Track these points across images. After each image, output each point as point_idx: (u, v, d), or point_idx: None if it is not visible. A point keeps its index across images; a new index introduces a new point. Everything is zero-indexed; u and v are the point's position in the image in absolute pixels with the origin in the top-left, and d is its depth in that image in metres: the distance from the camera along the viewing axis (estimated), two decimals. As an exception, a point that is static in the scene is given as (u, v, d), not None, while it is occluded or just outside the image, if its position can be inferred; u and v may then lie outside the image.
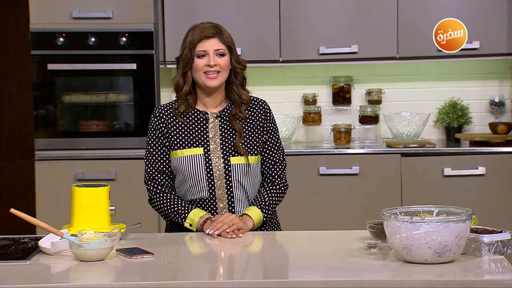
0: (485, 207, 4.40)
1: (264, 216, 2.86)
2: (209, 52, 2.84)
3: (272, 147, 2.94)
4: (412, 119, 4.77)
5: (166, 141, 2.88)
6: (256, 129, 2.91)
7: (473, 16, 4.55)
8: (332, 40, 4.61)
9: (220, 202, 2.86)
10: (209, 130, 2.88)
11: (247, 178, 2.87)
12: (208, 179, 2.84)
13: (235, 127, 2.87)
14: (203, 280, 2.23)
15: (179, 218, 2.84)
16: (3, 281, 2.18)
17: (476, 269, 2.24)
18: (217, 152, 2.86)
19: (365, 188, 4.45)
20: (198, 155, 2.85)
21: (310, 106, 4.86)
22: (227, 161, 2.85)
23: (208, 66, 2.83)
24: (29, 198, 4.48)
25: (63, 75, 4.54)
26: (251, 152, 2.87)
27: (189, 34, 2.88)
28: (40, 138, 4.51)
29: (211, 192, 2.85)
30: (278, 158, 2.95)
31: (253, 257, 2.58)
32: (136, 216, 3.37)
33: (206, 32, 2.84)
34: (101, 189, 2.64)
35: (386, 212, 2.33)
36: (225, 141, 2.87)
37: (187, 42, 2.86)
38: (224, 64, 2.85)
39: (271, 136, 2.93)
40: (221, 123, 2.89)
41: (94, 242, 2.35)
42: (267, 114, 2.94)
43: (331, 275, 2.25)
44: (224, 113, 2.90)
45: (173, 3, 4.59)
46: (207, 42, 2.84)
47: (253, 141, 2.89)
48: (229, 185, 2.85)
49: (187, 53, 2.85)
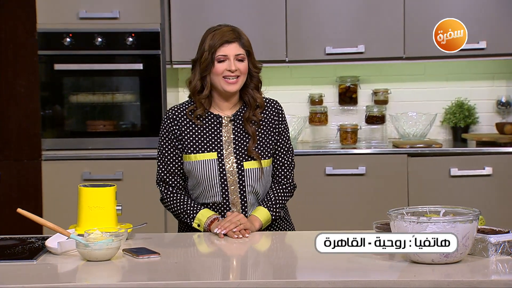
0: (492, 207, 4.39)
1: (272, 216, 2.86)
2: (230, 56, 2.82)
3: (282, 149, 2.93)
4: (419, 119, 4.76)
5: (179, 143, 2.87)
6: (269, 132, 2.90)
7: (480, 16, 4.54)
8: (338, 40, 4.60)
9: (234, 207, 2.86)
10: (222, 134, 2.87)
11: (260, 183, 2.87)
12: (221, 184, 2.84)
13: (249, 131, 2.87)
14: (210, 280, 2.23)
15: (188, 219, 2.84)
16: (10, 281, 2.19)
17: (483, 270, 2.24)
18: (230, 157, 2.85)
19: (371, 188, 4.45)
20: (212, 160, 2.84)
21: (317, 106, 4.86)
22: (240, 165, 2.85)
23: (228, 71, 2.82)
24: (36, 198, 4.49)
25: (70, 75, 4.55)
26: (264, 156, 2.87)
27: (208, 37, 2.85)
28: (47, 138, 4.52)
29: (224, 197, 2.85)
30: (287, 160, 2.94)
31: (260, 257, 2.58)
32: (142, 216, 3.38)
33: (227, 36, 2.82)
34: (107, 189, 2.65)
35: (392, 212, 2.33)
36: (238, 145, 2.86)
37: (207, 45, 2.83)
38: (243, 69, 2.84)
39: (282, 137, 2.93)
40: (234, 126, 2.88)
41: (100, 242, 2.35)
42: (279, 115, 2.93)
43: (337, 275, 2.25)
44: (238, 116, 2.89)
45: (180, 3, 4.60)
46: (228, 47, 2.83)
47: (266, 145, 2.88)
48: (243, 189, 2.85)
49: (207, 56, 2.82)
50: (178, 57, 4.60)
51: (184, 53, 4.59)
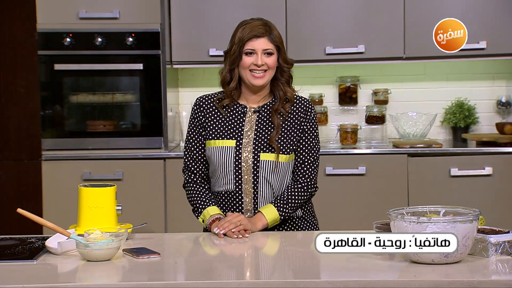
0: (492, 207, 4.39)
1: (280, 216, 2.85)
2: (258, 51, 2.84)
3: (305, 147, 2.92)
4: (419, 119, 4.76)
5: (202, 130, 2.91)
6: (293, 127, 2.90)
7: (480, 16, 4.54)
8: (338, 40, 4.60)
9: (246, 197, 2.87)
10: (245, 124, 2.89)
11: (275, 176, 2.87)
12: (235, 172, 2.85)
13: (274, 122, 2.88)
14: (210, 280, 2.23)
15: (196, 212, 2.89)
16: (10, 281, 2.19)
17: (483, 270, 2.24)
18: (248, 147, 2.86)
19: (371, 188, 4.45)
20: (229, 147, 2.86)
21: (317, 106, 4.86)
22: (257, 156, 2.85)
23: (255, 65, 2.84)
24: (36, 198, 4.49)
25: (70, 75, 4.55)
26: (283, 151, 2.87)
27: (238, 30, 2.87)
28: (47, 138, 4.52)
29: (238, 185, 2.86)
30: (308, 159, 2.92)
31: (260, 257, 2.58)
32: (142, 216, 3.39)
33: (256, 30, 2.84)
34: (107, 189, 2.65)
35: (392, 212, 2.33)
36: (259, 136, 2.88)
37: (237, 38, 2.86)
38: (271, 63, 2.86)
39: (307, 136, 2.92)
40: (258, 118, 2.90)
41: (101, 242, 2.35)
42: (307, 113, 2.92)
43: (337, 275, 2.24)
44: (264, 109, 2.91)
45: (180, 3, 4.60)
46: (256, 41, 2.84)
47: (288, 140, 2.88)
48: (256, 180, 2.86)
49: (236, 49, 2.85)
50: (178, 57, 4.60)
51: (184, 53, 4.60)
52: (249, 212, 2.88)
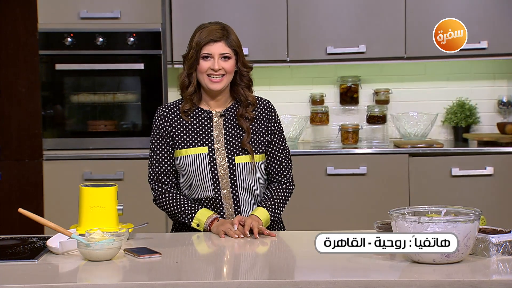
0: (493, 207, 4.39)
1: (271, 216, 2.86)
2: (214, 55, 2.83)
3: (277, 147, 2.93)
4: (420, 119, 4.76)
5: (170, 140, 2.88)
6: (261, 129, 2.91)
7: (481, 16, 4.54)
8: (339, 40, 4.61)
9: (226, 201, 2.86)
10: (213, 129, 2.88)
11: (252, 178, 2.87)
12: (213, 178, 2.84)
13: (243, 126, 2.87)
14: (211, 280, 2.23)
15: (185, 218, 2.84)
16: (11, 280, 2.19)
17: (484, 270, 2.23)
18: (221, 151, 2.86)
19: (372, 188, 4.45)
20: (202, 154, 2.85)
21: (318, 106, 4.86)
22: (231, 160, 2.85)
23: (212, 70, 2.83)
24: (37, 198, 4.50)
25: (71, 75, 4.55)
26: (256, 151, 2.87)
27: (196, 34, 2.86)
28: (48, 138, 4.52)
29: (216, 191, 2.85)
30: (284, 158, 2.94)
31: (260, 257, 2.58)
32: (143, 216, 3.38)
33: (213, 35, 2.83)
34: (109, 189, 2.65)
35: (394, 212, 2.33)
36: (230, 140, 2.87)
37: (194, 42, 2.85)
38: (228, 68, 2.84)
39: (276, 136, 2.93)
40: (225, 122, 2.89)
41: (102, 242, 2.35)
42: (271, 113, 2.93)
43: (337, 275, 2.24)
44: (229, 112, 2.90)
45: (181, 3, 4.60)
46: (213, 46, 2.83)
47: (259, 140, 2.89)
48: (234, 184, 2.85)
49: (193, 54, 2.84)
50: (179, 57, 4.59)
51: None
52: (231, 217, 2.87)
